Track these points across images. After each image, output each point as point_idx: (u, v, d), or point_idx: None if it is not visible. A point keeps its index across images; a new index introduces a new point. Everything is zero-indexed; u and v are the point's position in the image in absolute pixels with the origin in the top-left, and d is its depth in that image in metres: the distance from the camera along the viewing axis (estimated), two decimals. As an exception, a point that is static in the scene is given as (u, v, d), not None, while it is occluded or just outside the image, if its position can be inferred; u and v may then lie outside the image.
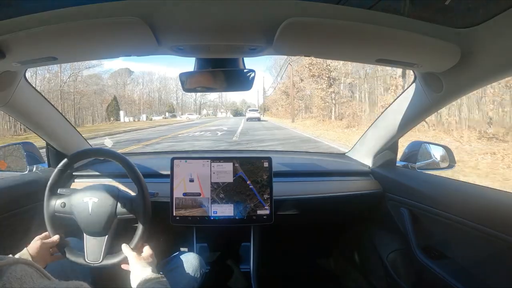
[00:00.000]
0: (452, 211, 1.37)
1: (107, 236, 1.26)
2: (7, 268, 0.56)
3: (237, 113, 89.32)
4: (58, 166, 1.31)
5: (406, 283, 1.65)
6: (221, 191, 1.64)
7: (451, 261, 1.41)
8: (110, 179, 1.77)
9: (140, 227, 1.26)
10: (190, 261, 1.46)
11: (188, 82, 1.31)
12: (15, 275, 0.56)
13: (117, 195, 1.29)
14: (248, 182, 1.65)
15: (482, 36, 0.90)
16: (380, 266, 1.86)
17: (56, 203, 1.28)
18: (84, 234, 1.28)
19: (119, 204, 1.27)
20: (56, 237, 1.24)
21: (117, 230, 1.29)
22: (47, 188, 1.29)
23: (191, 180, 1.64)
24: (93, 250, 1.26)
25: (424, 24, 0.89)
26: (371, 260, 1.98)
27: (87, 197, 1.27)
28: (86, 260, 1.24)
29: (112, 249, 1.28)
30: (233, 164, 1.65)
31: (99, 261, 1.24)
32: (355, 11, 0.85)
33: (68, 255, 1.25)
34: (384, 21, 0.87)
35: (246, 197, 1.64)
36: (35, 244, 1.17)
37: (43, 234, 1.24)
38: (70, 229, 1.37)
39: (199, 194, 1.63)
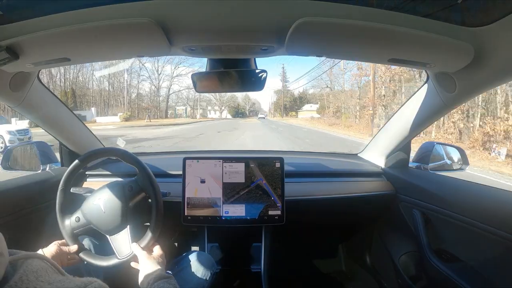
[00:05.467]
0: (465, 213, 1.35)
1: (128, 226, 1.26)
2: (23, 261, 0.57)
3: (237, 112, 61.74)
4: (69, 168, 1.32)
5: (418, 285, 1.64)
6: (232, 191, 1.64)
7: (463, 264, 1.39)
8: (122, 179, 1.79)
9: (151, 227, 1.26)
10: (201, 260, 1.47)
11: (200, 83, 1.31)
12: (31, 269, 0.56)
13: (121, 184, 1.30)
14: (259, 183, 1.64)
15: (496, 34, 0.88)
16: (391, 268, 1.84)
17: (71, 221, 1.28)
18: (108, 237, 1.27)
19: (127, 190, 1.28)
20: (75, 247, 1.24)
21: (135, 218, 1.29)
22: (57, 208, 1.29)
23: (203, 180, 1.65)
24: (120, 245, 1.25)
25: (436, 23, 0.88)
26: (382, 261, 1.97)
27: (96, 199, 1.27)
28: (119, 257, 1.24)
29: (137, 236, 1.27)
30: (245, 165, 1.66)
31: (130, 253, 1.23)
32: (367, 10, 0.85)
33: (87, 258, 1.25)
34: (397, 20, 0.87)
35: (258, 198, 1.64)
36: (52, 248, 1.16)
37: (62, 241, 1.23)
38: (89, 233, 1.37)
39: (210, 194, 1.64)
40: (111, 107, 44.96)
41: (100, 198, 1.27)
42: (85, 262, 1.26)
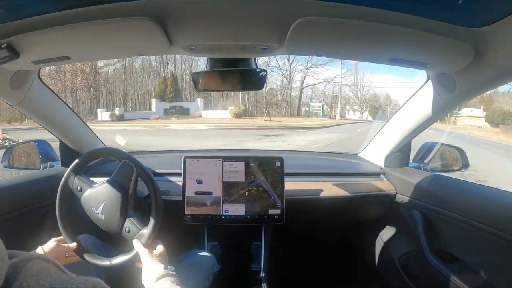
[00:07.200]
0: (465, 214, 1.35)
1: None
2: (23, 265, 0.55)
3: (378, 114, 47.00)
4: (67, 170, 1.31)
5: (418, 285, 1.64)
6: (232, 190, 1.65)
7: (463, 264, 1.39)
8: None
9: (151, 222, 1.24)
10: (203, 259, 1.47)
11: (201, 82, 1.30)
12: (31, 273, 0.54)
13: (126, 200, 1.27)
14: (259, 182, 1.65)
15: (496, 34, 0.88)
16: (391, 268, 1.84)
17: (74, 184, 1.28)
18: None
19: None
20: (73, 244, 1.23)
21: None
22: (57, 207, 1.28)
23: (203, 179, 1.65)
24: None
25: (437, 23, 0.88)
26: (382, 261, 1.97)
27: (94, 207, 1.26)
28: (121, 256, 1.24)
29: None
30: (245, 164, 1.66)
31: (132, 251, 1.23)
32: (367, 10, 0.84)
33: (90, 260, 1.25)
34: (397, 20, 0.86)
35: (258, 197, 1.65)
36: (50, 244, 1.16)
37: (60, 238, 1.23)
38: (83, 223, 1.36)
39: (210, 193, 1.64)
40: (228, 98, 36.33)
41: (98, 208, 1.26)
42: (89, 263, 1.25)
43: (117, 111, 30.91)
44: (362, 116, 45.60)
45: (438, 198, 1.52)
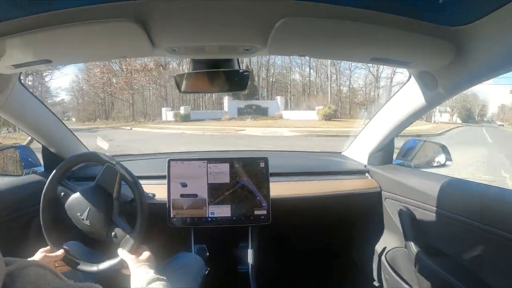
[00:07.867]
0: (449, 208, 1.37)
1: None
2: (19, 272, 0.54)
3: (469, 117, 43.49)
4: (49, 178, 1.28)
5: (405, 280, 1.66)
6: (218, 192, 1.64)
7: (449, 258, 1.41)
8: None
9: (136, 227, 1.23)
10: (191, 262, 1.46)
11: (184, 84, 1.30)
12: (29, 279, 0.54)
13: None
14: (244, 183, 1.65)
15: (477, 33, 0.90)
16: (378, 264, 1.86)
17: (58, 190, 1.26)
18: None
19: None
20: (60, 252, 1.21)
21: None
22: (41, 215, 1.25)
23: (188, 182, 1.64)
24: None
25: (418, 22, 0.89)
26: (369, 258, 1.99)
27: (79, 213, 1.23)
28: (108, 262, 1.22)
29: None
30: (230, 165, 1.66)
31: (117, 258, 1.20)
32: (349, 10, 0.85)
33: (79, 267, 1.23)
34: (379, 20, 0.87)
35: (243, 198, 1.65)
36: (38, 256, 1.14)
37: (47, 248, 1.21)
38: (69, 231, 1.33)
39: (196, 195, 1.64)
40: (310, 96, 32.45)
41: (83, 213, 1.23)
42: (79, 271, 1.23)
43: (182, 110, 27.69)
44: (452, 119, 40.74)
45: (422, 193, 1.54)
